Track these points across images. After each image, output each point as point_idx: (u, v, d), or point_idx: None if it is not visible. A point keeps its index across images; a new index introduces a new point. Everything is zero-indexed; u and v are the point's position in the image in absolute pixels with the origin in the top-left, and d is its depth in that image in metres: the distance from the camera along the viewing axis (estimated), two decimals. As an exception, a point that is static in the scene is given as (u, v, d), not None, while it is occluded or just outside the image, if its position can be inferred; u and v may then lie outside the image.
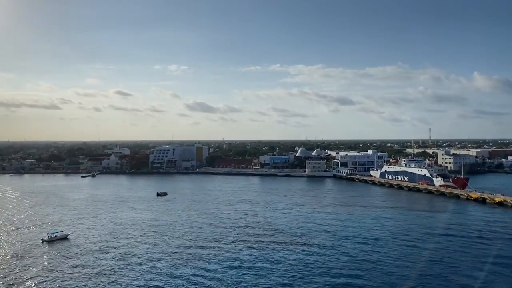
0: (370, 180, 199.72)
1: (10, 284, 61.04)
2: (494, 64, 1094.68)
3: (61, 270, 67.19)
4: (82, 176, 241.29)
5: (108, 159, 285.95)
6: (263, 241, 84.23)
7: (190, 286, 59.72)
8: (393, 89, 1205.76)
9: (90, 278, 63.15)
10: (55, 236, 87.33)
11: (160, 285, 60.20)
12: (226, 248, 79.61)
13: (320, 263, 69.82)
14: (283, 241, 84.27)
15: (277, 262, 70.56)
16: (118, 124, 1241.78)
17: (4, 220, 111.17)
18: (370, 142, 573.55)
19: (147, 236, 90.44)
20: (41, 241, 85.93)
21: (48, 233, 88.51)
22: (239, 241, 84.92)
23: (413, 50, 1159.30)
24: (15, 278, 63.49)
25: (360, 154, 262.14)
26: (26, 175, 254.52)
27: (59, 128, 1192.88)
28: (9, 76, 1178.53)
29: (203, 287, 59.13)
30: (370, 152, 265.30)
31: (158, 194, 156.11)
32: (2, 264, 71.10)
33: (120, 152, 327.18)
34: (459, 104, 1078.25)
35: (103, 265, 69.43)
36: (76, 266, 69.22)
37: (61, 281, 62.02)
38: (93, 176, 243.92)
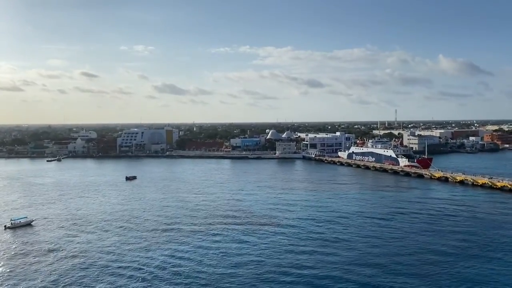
0: (338, 161, 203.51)
1: (-28, 272, 59.42)
2: (459, 47, 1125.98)
3: (23, 257, 65.80)
4: (47, 161, 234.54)
5: (75, 142, 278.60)
6: (234, 223, 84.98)
7: (162, 268, 59.85)
8: (361, 71, 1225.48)
9: (55, 265, 62.13)
10: (19, 222, 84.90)
11: (133, 266, 60.14)
12: (198, 230, 79.86)
13: (291, 242, 71.43)
14: (254, 222, 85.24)
15: (249, 242, 71.60)
16: (84, 107, 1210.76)
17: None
18: (338, 124, 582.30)
19: (116, 221, 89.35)
20: (3, 228, 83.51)
21: (11, 219, 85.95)
22: (211, 223, 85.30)
23: (381, 32, 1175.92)
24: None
25: (328, 136, 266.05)
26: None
27: (22, 110, 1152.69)
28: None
29: (174, 269, 59.38)
30: (338, 134, 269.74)
31: (127, 178, 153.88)
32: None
33: (87, 136, 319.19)
34: (425, 86, 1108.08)
35: (70, 252, 68.34)
36: (40, 253, 67.89)
37: (23, 268, 60.78)
38: (59, 160, 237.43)
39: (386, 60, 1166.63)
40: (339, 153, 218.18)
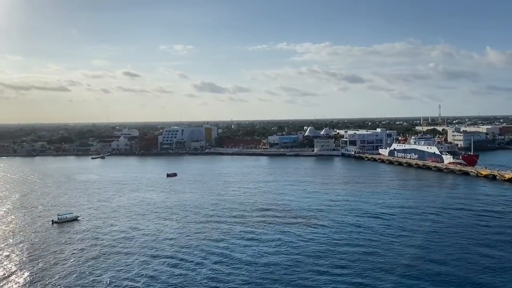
0: (379, 159, 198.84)
1: (17, 264, 62.51)
2: (507, 38, 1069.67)
3: (68, 251, 68.38)
4: (92, 158, 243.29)
5: (118, 140, 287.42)
6: (273, 219, 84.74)
7: (204, 259, 60.76)
8: (402, 66, 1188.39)
9: (105, 258, 64.31)
10: (65, 218, 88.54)
11: (174, 260, 61.35)
12: (237, 225, 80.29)
13: (330, 238, 70.69)
14: (293, 218, 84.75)
15: (288, 238, 71.28)
16: (126, 105, 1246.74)
17: (15, 201, 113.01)
18: (379, 120, 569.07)
19: (158, 216, 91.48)
20: (51, 222, 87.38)
21: (58, 215, 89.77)
22: (250, 219, 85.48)
23: (424, 25, 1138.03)
24: (24, 259, 64.87)
25: (368, 132, 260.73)
26: (37, 158, 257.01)
27: (69, 110, 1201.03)
28: (17, 59, 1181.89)
29: (215, 262, 60.11)
30: (378, 130, 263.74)
31: (168, 175, 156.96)
32: (12, 245, 72.54)
33: (129, 134, 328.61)
34: (471, 80, 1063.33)
35: (117, 246, 70.51)
36: (88, 247, 70.43)
37: (68, 262, 63.20)
38: (102, 157, 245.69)
39: (430, 53, 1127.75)
40: (380, 150, 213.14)
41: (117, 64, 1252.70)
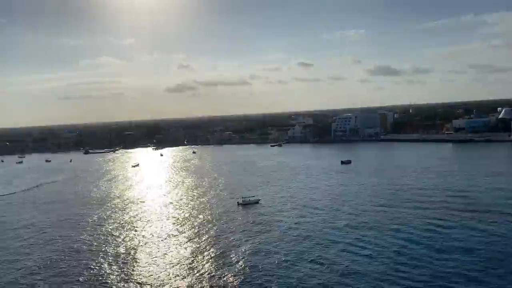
0: None
1: (213, 237, 70.63)
2: None
3: (254, 231, 74.03)
4: (271, 146, 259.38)
5: (293, 129, 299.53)
6: (459, 210, 76.54)
7: (386, 248, 58.97)
8: None
9: (285, 237, 68.03)
10: (249, 200, 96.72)
11: (358, 245, 61.64)
12: (417, 215, 75.10)
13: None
14: (482, 210, 74.99)
15: (477, 229, 64.11)
16: (301, 95, 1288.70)
17: (208, 184, 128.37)
18: None
19: (335, 202, 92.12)
20: (237, 204, 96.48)
21: (242, 197, 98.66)
22: (432, 209, 78.90)
23: None
24: (218, 232, 73.16)
25: None
26: (225, 146, 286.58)
27: (250, 102, 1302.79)
28: (206, 59, 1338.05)
29: (400, 249, 57.56)
30: None
31: (342, 162, 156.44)
32: (209, 221, 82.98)
33: (304, 122, 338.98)
34: None
35: (292, 228, 73.57)
36: (266, 228, 75.33)
37: (253, 237, 68.48)
38: (280, 145, 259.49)
39: None
40: None
41: (292, 55, 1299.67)
